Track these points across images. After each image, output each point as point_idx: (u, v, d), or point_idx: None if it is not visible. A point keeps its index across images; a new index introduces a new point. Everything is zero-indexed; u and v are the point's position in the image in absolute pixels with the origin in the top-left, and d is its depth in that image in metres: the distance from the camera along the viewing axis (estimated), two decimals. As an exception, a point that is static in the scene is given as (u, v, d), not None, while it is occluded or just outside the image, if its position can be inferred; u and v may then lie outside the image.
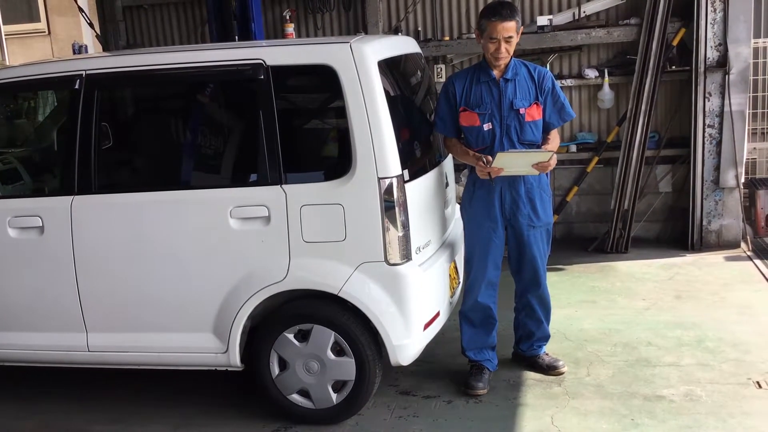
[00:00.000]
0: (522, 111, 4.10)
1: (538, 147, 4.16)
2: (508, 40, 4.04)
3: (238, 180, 4.08)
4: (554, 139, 4.23)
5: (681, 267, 6.22)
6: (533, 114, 4.13)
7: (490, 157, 4.04)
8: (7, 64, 9.58)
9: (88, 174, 4.05)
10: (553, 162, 4.00)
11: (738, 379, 4.24)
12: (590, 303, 5.56)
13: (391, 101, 3.82)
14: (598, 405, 4.05)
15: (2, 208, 4.22)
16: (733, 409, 3.93)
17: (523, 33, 4.39)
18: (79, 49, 8.27)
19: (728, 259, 6.35)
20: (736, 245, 6.60)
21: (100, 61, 4.32)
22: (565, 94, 4.30)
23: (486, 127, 4.13)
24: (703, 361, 4.49)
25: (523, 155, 4.02)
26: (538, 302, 4.40)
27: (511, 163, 4.01)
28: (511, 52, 4.10)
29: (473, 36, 6.92)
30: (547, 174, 4.20)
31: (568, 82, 6.94)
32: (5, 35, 10.30)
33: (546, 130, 4.20)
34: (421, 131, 4.41)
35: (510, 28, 4.03)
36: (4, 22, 10.39)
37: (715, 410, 3.93)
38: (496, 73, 4.14)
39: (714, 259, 6.37)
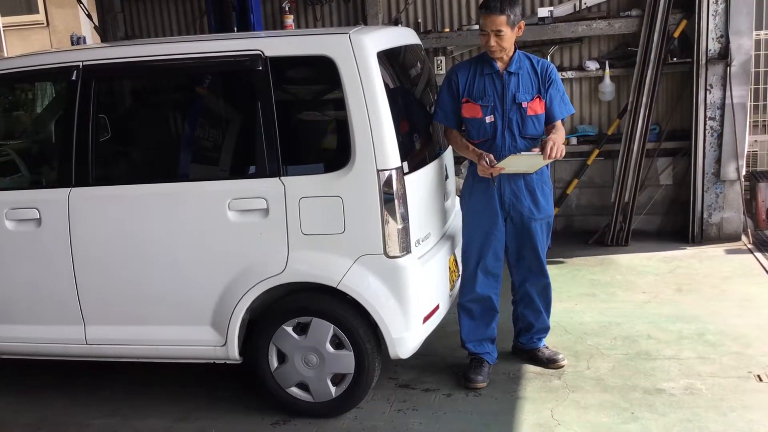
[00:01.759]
0: (524, 105, 4.07)
1: (540, 141, 4.11)
2: (497, 33, 3.98)
3: (237, 172, 4.07)
4: (559, 130, 4.14)
5: (681, 260, 6.20)
6: (535, 108, 4.09)
7: (492, 156, 4.01)
8: (6, 55, 9.54)
9: (85, 166, 4.03)
10: (560, 154, 3.95)
11: (738, 372, 4.23)
12: (590, 296, 5.54)
13: (391, 93, 3.79)
14: (598, 398, 4.04)
15: (-1, 200, 4.21)
16: (733, 402, 3.92)
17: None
18: (77, 41, 8.22)
19: (729, 252, 6.34)
20: (737, 238, 6.58)
21: (96, 51, 4.29)
22: (565, 87, 4.26)
23: (488, 119, 4.10)
24: (704, 354, 4.47)
25: (528, 158, 3.99)
26: (538, 292, 4.38)
27: (515, 164, 3.99)
28: (505, 46, 4.03)
29: (473, 27, 6.92)
30: (547, 166, 4.18)
31: (569, 74, 6.91)
32: (4, 27, 10.28)
33: (549, 121, 4.17)
34: (421, 123, 4.38)
35: (498, 21, 3.97)
36: (3, 14, 10.37)
37: (715, 404, 3.91)
38: (499, 65, 4.10)
39: (715, 252, 6.36)
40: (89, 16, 7.82)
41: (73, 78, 4.04)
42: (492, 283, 4.31)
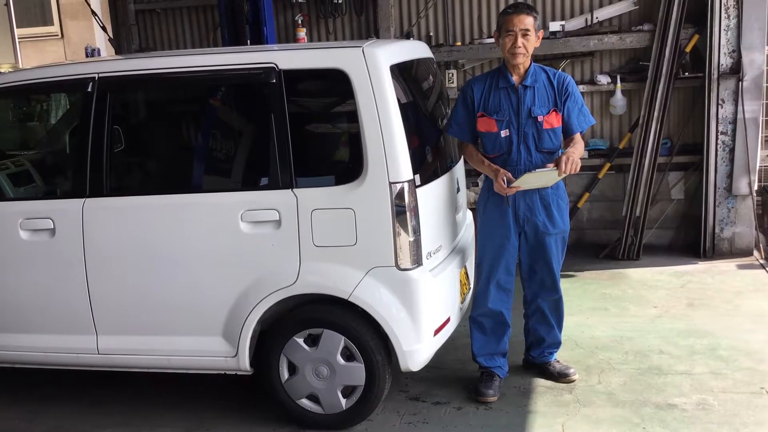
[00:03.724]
0: (540, 119, 4.07)
1: (557, 154, 4.11)
2: (524, 34, 4.01)
3: (249, 184, 4.09)
4: (578, 143, 4.13)
5: (693, 275, 6.18)
6: (551, 121, 4.09)
7: (510, 175, 4.01)
8: (20, 67, 9.63)
9: (99, 177, 4.06)
10: (575, 168, 3.94)
11: (751, 387, 4.20)
12: (602, 310, 5.52)
13: (403, 106, 3.81)
14: (610, 413, 4.02)
15: (14, 210, 4.24)
16: (746, 418, 3.89)
17: (535, 38, 4.37)
18: (92, 53, 8.32)
19: (741, 267, 6.31)
20: (749, 253, 6.56)
21: (112, 64, 4.33)
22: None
23: (503, 133, 4.10)
24: (716, 369, 4.45)
25: (543, 174, 4.00)
26: (550, 307, 4.37)
27: (531, 181, 4.00)
28: (529, 51, 4.06)
29: (485, 41, 6.94)
30: (563, 180, 4.17)
31: (581, 88, 6.87)
32: (19, 38, 10.36)
33: (568, 134, 4.16)
34: (433, 136, 4.40)
35: (527, 21, 4.01)
36: (18, 26, 10.46)
37: (728, 419, 3.89)
38: (515, 78, 4.11)
39: (726, 266, 6.33)
40: (104, 28, 7.88)
41: (89, 90, 4.07)
42: (504, 298, 4.31)
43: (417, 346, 3.81)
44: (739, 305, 5.45)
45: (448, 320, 4.05)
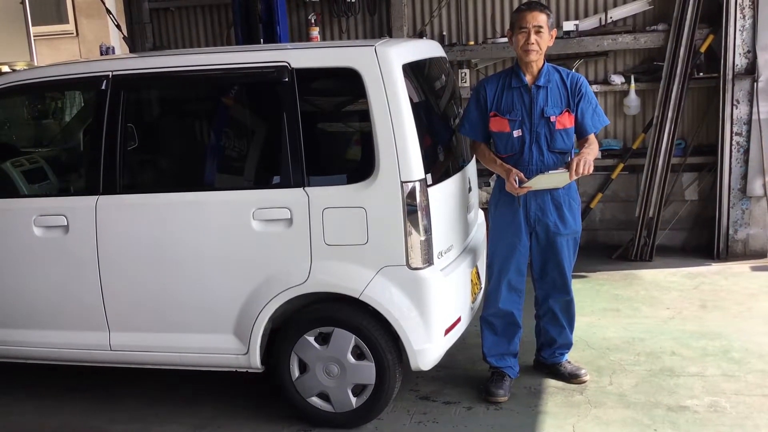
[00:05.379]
0: (553, 119, 4.05)
1: (570, 155, 4.10)
2: (538, 30, 4.00)
3: (261, 182, 4.10)
4: (592, 143, 4.11)
5: (706, 276, 6.14)
6: (564, 122, 4.08)
7: (522, 175, 4.01)
8: (35, 64, 9.69)
9: (113, 174, 4.08)
10: (588, 170, 3.94)
11: (764, 390, 4.18)
12: (613, 311, 5.50)
13: (415, 105, 3.81)
14: (621, 414, 4.01)
15: (28, 206, 4.27)
16: (758, 421, 3.87)
17: (549, 38, 4.36)
18: (106, 51, 8.35)
19: (754, 269, 6.27)
20: (763, 255, 6.51)
21: (126, 62, 4.36)
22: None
23: (516, 133, 4.09)
24: (729, 371, 4.42)
25: (556, 176, 3.99)
26: (561, 308, 4.36)
27: (543, 182, 3.99)
28: (543, 48, 4.05)
29: (498, 41, 6.93)
30: (576, 181, 4.16)
31: (594, 88, 6.85)
32: (34, 36, 10.43)
33: (582, 135, 4.14)
34: (445, 135, 4.39)
35: (540, 18, 4.01)
36: (33, 24, 10.53)
37: (740, 422, 3.87)
38: (528, 78, 4.10)
39: (740, 268, 6.29)
40: (118, 26, 7.92)
41: (103, 87, 4.10)
42: (515, 299, 4.30)
43: (427, 346, 3.81)
44: (752, 307, 5.41)
45: (458, 320, 4.05)
